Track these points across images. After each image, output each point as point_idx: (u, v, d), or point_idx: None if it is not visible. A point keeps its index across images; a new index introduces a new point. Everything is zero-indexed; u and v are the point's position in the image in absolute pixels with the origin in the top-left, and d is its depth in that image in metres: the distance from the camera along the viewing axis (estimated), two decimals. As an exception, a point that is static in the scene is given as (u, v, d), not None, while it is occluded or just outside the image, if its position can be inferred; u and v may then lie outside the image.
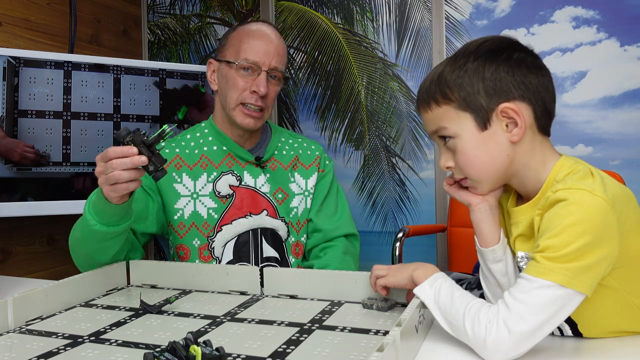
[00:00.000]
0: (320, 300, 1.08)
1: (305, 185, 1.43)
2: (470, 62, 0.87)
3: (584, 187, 0.77)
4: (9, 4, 1.93)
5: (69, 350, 0.85)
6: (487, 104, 0.86)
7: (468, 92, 0.86)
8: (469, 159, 0.88)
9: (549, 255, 0.76)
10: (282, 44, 1.39)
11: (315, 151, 1.48)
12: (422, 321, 0.88)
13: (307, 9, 2.39)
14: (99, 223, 1.13)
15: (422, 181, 2.23)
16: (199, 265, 1.23)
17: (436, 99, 0.89)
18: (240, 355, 0.81)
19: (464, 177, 0.91)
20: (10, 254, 1.95)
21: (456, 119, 0.87)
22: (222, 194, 1.36)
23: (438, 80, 0.89)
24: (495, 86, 0.85)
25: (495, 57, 0.87)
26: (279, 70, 1.35)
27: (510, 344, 0.74)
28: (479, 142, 0.87)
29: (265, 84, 1.32)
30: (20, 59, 1.78)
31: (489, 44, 0.89)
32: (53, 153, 1.84)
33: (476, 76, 0.86)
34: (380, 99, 2.28)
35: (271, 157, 1.42)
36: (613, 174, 1.49)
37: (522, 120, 0.85)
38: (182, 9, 2.59)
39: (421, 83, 0.94)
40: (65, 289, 1.08)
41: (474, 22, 2.14)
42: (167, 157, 1.35)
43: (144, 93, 2.01)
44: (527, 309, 0.74)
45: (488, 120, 0.86)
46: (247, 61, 1.32)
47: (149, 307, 1.03)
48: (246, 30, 1.37)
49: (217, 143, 1.40)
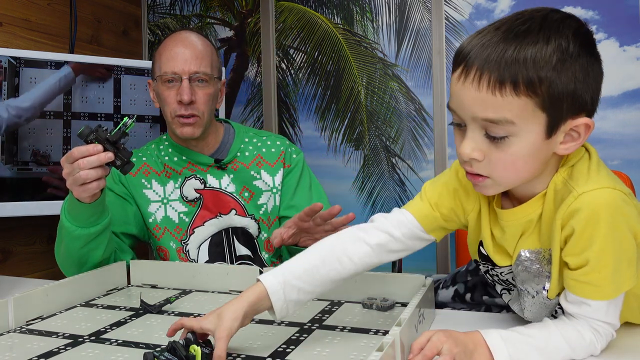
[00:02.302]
0: (320, 300, 1.09)
1: (273, 182, 1.44)
2: (569, 53, 0.71)
3: (606, 185, 0.75)
4: (9, 4, 1.93)
5: (69, 350, 0.85)
6: (567, 111, 0.73)
7: (558, 91, 0.71)
8: (516, 166, 0.75)
9: (602, 276, 0.76)
10: (203, 47, 1.38)
11: (280, 147, 1.47)
12: (422, 321, 0.88)
13: (307, 9, 2.39)
14: (78, 228, 1.15)
15: (422, 181, 2.23)
16: (199, 265, 1.23)
17: (517, 85, 0.71)
18: (240, 355, 0.81)
19: (483, 175, 0.78)
20: (10, 254, 1.95)
21: (530, 117, 0.72)
22: (189, 198, 1.40)
23: (528, 63, 0.70)
24: (581, 93, 0.73)
25: (590, 54, 0.73)
26: (203, 73, 1.35)
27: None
28: (536, 150, 0.74)
29: (188, 91, 1.32)
30: (20, 59, 1.78)
31: (584, 32, 0.75)
32: (53, 153, 1.84)
33: (571, 75, 0.72)
34: (380, 99, 2.28)
35: (234, 159, 1.43)
36: (620, 174, 1.47)
37: (584, 138, 0.75)
38: (182, 9, 2.59)
39: (484, 45, 0.72)
40: (66, 288, 1.09)
41: (473, 22, 2.14)
42: (135, 165, 1.36)
43: (144, 93, 2.01)
44: (612, 327, 0.80)
45: (557, 128, 0.74)
46: (167, 74, 1.34)
47: (149, 307, 1.03)
48: (164, 44, 1.39)
49: (175, 154, 1.43)
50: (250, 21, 2.48)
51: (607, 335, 0.80)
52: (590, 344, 0.79)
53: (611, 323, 0.80)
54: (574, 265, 0.78)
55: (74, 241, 1.17)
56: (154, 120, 2.02)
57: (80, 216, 1.14)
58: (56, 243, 1.26)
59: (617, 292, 0.78)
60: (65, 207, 1.17)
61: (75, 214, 1.14)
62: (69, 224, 1.16)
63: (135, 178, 1.40)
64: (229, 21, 2.53)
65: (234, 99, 2.53)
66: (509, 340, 0.77)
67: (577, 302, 0.79)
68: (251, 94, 2.53)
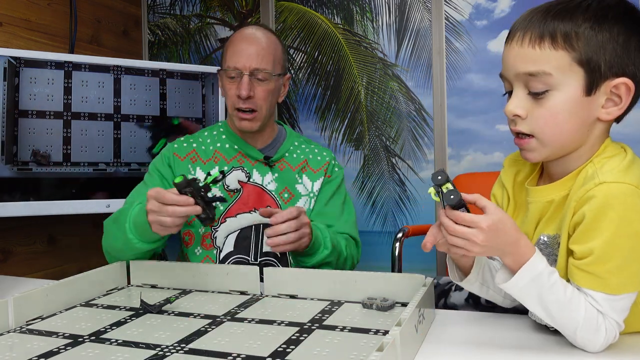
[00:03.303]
0: (320, 300, 1.08)
1: (312, 187, 1.47)
2: (608, 18, 0.77)
3: (628, 182, 0.75)
4: (10, 4, 1.93)
5: (69, 350, 0.85)
6: (606, 70, 0.77)
7: (595, 48, 0.76)
8: (556, 120, 0.79)
9: (606, 269, 0.76)
10: (267, 44, 1.42)
11: (325, 157, 1.52)
12: (422, 321, 0.88)
13: (307, 9, 2.39)
14: (140, 241, 1.21)
15: (422, 181, 2.23)
16: (199, 265, 1.23)
17: (555, 39, 0.77)
18: (240, 355, 0.81)
19: (528, 134, 0.82)
20: (11, 254, 1.95)
21: (567, 71, 0.78)
22: (230, 187, 1.42)
23: (567, 19, 0.77)
24: (622, 55, 0.77)
25: (632, 25, 0.78)
26: (263, 70, 1.39)
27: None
28: (575, 105, 0.78)
29: (247, 87, 1.38)
30: (20, 59, 1.78)
31: (628, 8, 0.80)
32: (53, 153, 1.84)
33: (609, 36, 0.77)
34: (380, 99, 2.28)
35: (281, 158, 1.47)
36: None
37: (626, 101, 0.78)
38: (182, 9, 2.59)
39: (531, 12, 0.81)
40: (66, 288, 1.09)
41: (473, 22, 2.14)
42: (185, 151, 1.45)
43: (144, 93, 2.01)
44: (617, 324, 0.79)
45: (597, 87, 0.78)
46: (230, 68, 1.40)
47: (149, 307, 1.03)
48: (231, 38, 1.46)
49: (229, 142, 1.48)
50: (250, 21, 2.48)
51: (611, 329, 0.78)
52: (599, 325, 0.77)
53: (616, 320, 0.79)
54: (579, 253, 0.78)
55: (131, 248, 1.22)
56: (154, 120, 2.02)
57: (145, 234, 1.19)
58: (109, 235, 1.29)
59: (623, 289, 0.77)
60: (132, 214, 1.21)
61: (142, 232, 1.19)
62: (131, 235, 1.20)
63: (183, 163, 1.43)
64: (229, 21, 2.53)
65: (234, 99, 2.53)
66: (546, 270, 0.78)
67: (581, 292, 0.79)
68: (251, 94, 2.52)
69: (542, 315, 0.80)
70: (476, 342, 0.87)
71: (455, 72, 2.17)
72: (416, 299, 0.87)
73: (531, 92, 0.80)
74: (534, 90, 0.79)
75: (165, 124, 2.04)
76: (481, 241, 0.76)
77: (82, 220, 2.13)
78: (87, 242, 2.20)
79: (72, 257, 2.16)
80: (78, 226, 2.17)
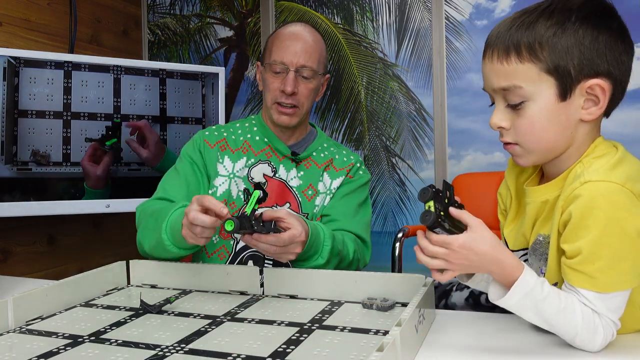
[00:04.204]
0: (320, 300, 1.08)
1: (330, 185, 1.47)
2: (571, 21, 0.78)
3: (614, 180, 0.76)
4: (9, 4, 1.93)
5: (69, 350, 0.85)
6: (577, 74, 0.78)
7: (560, 55, 0.77)
8: (535, 128, 0.80)
9: (596, 268, 0.76)
10: (314, 42, 1.43)
11: (352, 159, 1.51)
12: (422, 321, 0.88)
13: (307, 9, 2.39)
14: (173, 245, 1.19)
15: (422, 181, 2.23)
16: (199, 265, 1.23)
17: (520, 53, 0.78)
18: (240, 355, 0.81)
19: (513, 142, 0.84)
20: (10, 254, 1.95)
21: (537, 81, 0.79)
22: (254, 180, 1.42)
23: (529, 31, 0.78)
24: (591, 57, 0.77)
25: (597, 23, 0.78)
26: (308, 68, 1.40)
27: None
28: (552, 112, 0.79)
29: (292, 83, 1.38)
30: (20, 59, 1.78)
31: (593, 6, 0.80)
32: (53, 153, 1.84)
33: (574, 40, 0.77)
34: (380, 99, 2.28)
35: (308, 157, 1.47)
36: None
37: (604, 101, 0.79)
38: (182, 9, 2.59)
39: (499, 25, 0.82)
40: (66, 289, 1.08)
41: (473, 22, 2.14)
42: (215, 139, 1.44)
43: (144, 93, 2.01)
44: (613, 323, 0.79)
45: (571, 91, 0.78)
46: (276, 62, 1.40)
47: (149, 307, 1.03)
48: (277, 33, 1.46)
49: (259, 134, 1.48)
50: (250, 21, 2.48)
51: (607, 327, 0.78)
52: (597, 325, 0.78)
53: (611, 318, 0.79)
54: (569, 252, 0.78)
55: (164, 250, 1.21)
56: (154, 120, 2.02)
57: (180, 241, 1.17)
58: (145, 232, 1.28)
59: (614, 287, 0.77)
60: (169, 222, 1.19)
61: (177, 238, 1.17)
62: (166, 237, 1.19)
63: (213, 150, 1.44)
64: (229, 21, 2.53)
65: (234, 98, 2.53)
66: (537, 284, 0.77)
67: (574, 291, 0.79)
68: (251, 93, 2.53)
69: (542, 325, 0.81)
70: (476, 343, 0.87)
71: (456, 72, 2.17)
72: (416, 299, 0.87)
73: (509, 104, 0.82)
74: (511, 103, 0.81)
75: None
76: (455, 260, 0.78)
77: (82, 220, 2.13)
78: (87, 242, 2.20)
79: (72, 257, 2.16)
80: (78, 226, 2.17)
